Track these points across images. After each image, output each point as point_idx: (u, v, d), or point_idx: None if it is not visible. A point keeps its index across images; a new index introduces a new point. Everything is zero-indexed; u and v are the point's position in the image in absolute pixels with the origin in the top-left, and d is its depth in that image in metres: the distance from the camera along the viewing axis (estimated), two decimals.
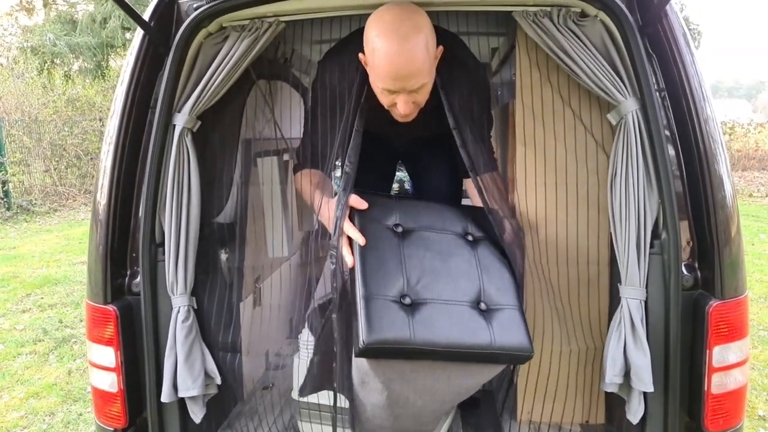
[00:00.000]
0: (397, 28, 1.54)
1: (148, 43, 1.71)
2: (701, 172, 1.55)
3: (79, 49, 15.88)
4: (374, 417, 1.63)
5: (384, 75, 1.58)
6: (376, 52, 1.56)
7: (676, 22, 1.59)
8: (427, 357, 1.47)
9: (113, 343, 1.66)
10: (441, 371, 1.52)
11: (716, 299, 1.53)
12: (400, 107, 1.66)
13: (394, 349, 1.44)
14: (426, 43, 1.56)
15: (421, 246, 1.63)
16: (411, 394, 1.55)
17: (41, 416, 3.28)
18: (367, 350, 1.42)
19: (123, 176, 1.69)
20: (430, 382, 1.53)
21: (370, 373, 1.52)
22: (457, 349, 1.47)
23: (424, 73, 1.59)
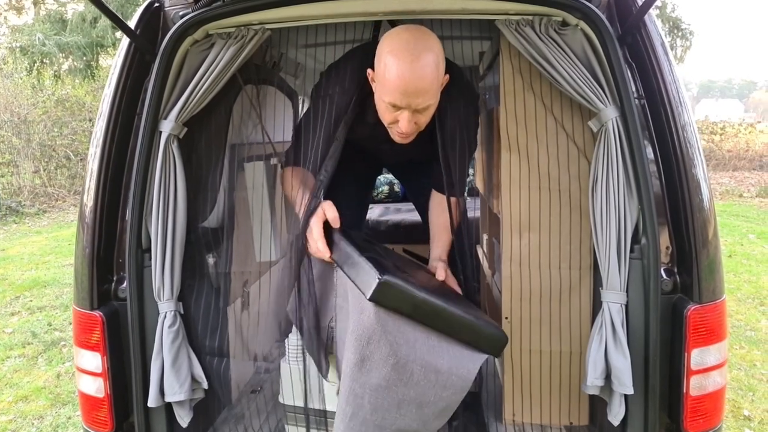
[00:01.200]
0: (412, 47, 1.60)
1: (134, 50, 1.72)
2: (679, 177, 1.58)
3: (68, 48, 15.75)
4: (374, 410, 1.54)
5: (393, 89, 1.62)
6: (388, 67, 1.60)
7: (654, 32, 1.62)
8: (428, 317, 1.52)
9: (100, 348, 1.67)
10: (439, 347, 1.55)
11: (694, 303, 1.56)
12: (402, 125, 1.71)
13: (405, 295, 1.47)
14: (437, 64, 1.62)
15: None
16: (417, 368, 1.51)
17: (30, 420, 3.27)
18: (383, 288, 1.43)
19: (110, 180, 1.71)
20: (433, 358, 1.53)
21: (377, 331, 1.48)
22: (453, 315, 1.55)
23: (432, 93, 1.65)
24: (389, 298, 1.46)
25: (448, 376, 1.54)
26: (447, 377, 1.54)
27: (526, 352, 1.93)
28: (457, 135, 1.89)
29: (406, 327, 1.50)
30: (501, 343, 1.66)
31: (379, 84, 1.69)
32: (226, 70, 1.73)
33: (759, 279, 5.77)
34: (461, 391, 1.59)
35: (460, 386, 1.58)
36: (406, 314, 1.50)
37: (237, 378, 2.18)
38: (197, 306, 1.86)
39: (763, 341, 4.29)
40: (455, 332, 1.58)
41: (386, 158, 2.29)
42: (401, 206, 4.32)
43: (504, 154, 1.87)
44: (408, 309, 1.49)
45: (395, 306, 1.48)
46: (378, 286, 1.44)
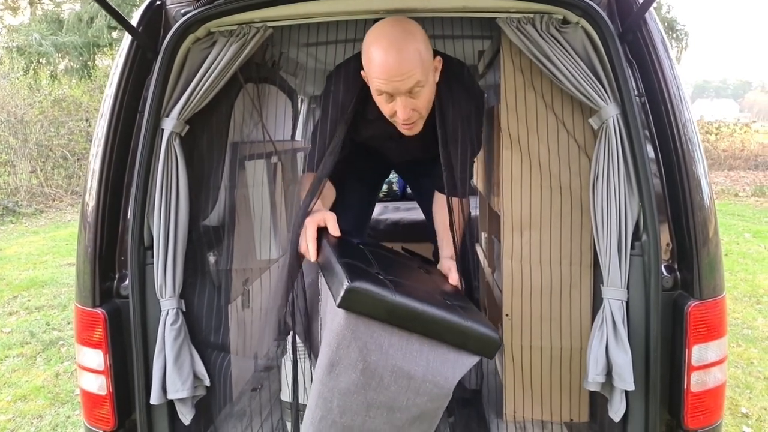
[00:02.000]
0: (388, 33, 1.62)
1: (136, 48, 1.72)
2: (680, 175, 1.59)
3: (65, 48, 15.76)
4: (343, 413, 1.53)
5: (378, 76, 1.63)
6: (371, 57, 1.62)
7: (654, 29, 1.63)
8: (405, 321, 1.48)
9: (102, 345, 1.67)
10: (418, 353, 1.51)
11: (695, 299, 1.57)
12: (399, 112, 1.71)
13: (376, 300, 1.43)
14: (417, 46, 1.63)
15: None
16: (387, 374, 1.50)
17: (29, 419, 3.27)
18: (350, 294, 1.41)
19: (111, 179, 1.71)
20: (407, 364, 1.51)
21: (347, 337, 1.47)
22: (434, 317, 1.49)
23: (416, 72, 1.63)
24: (358, 303, 1.44)
25: (421, 383, 1.51)
26: (420, 383, 1.51)
27: (526, 349, 1.93)
28: (459, 131, 1.90)
29: (379, 332, 1.48)
30: (492, 345, 1.57)
31: (369, 80, 1.71)
32: (228, 68, 1.73)
33: (755, 277, 5.79)
34: (437, 399, 1.55)
35: (435, 393, 1.54)
36: (381, 319, 1.47)
37: (238, 375, 2.18)
38: (199, 303, 1.86)
39: (759, 339, 4.31)
40: (439, 335, 1.52)
41: (392, 156, 2.30)
42: (400, 205, 4.33)
43: (505, 152, 1.87)
44: (382, 314, 1.46)
45: (366, 311, 1.45)
46: (345, 292, 1.42)
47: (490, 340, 1.55)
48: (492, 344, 1.56)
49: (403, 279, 1.62)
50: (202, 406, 1.85)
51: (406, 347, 1.50)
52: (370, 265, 1.61)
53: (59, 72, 15.38)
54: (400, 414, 1.53)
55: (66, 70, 16.09)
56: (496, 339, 1.57)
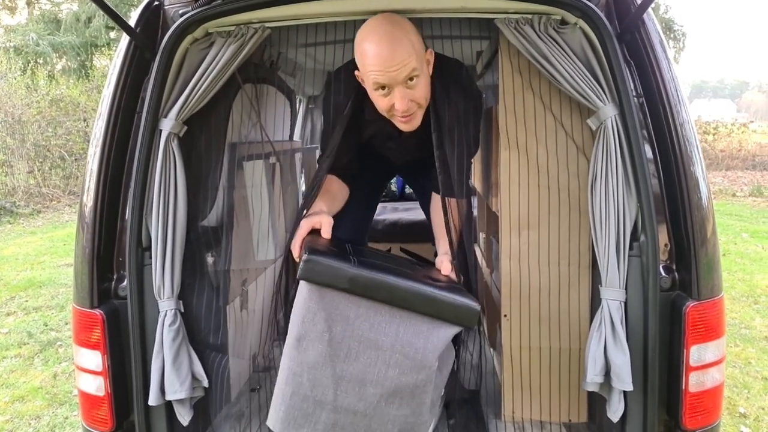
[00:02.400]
0: (379, 27, 1.65)
1: (134, 49, 1.72)
2: (678, 175, 1.59)
3: (62, 48, 15.74)
4: (313, 387, 1.54)
5: (372, 69, 1.65)
6: (364, 52, 1.63)
7: (653, 30, 1.63)
8: (370, 291, 1.50)
9: (100, 346, 1.67)
10: (386, 324, 1.52)
11: (693, 300, 1.57)
12: (397, 104, 1.71)
13: (334, 270, 1.48)
14: (408, 36, 1.65)
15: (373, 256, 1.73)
16: (354, 344, 1.51)
17: (27, 420, 3.26)
18: (308, 265, 1.48)
19: (109, 179, 1.70)
20: (375, 334, 1.52)
21: (311, 309, 1.51)
22: (400, 290, 1.50)
23: (411, 60, 1.65)
24: (318, 274, 1.49)
25: (390, 354, 1.51)
26: (389, 354, 1.51)
27: (525, 349, 1.93)
28: (455, 132, 1.90)
29: (344, 303, 1.51)
30: (469, 313, 1.54)
31: (363, 75, 1.72)
32: (226, 69, 1.73)
33: (753, 277, 5.80)
34: (410, 372, 1.53)
35: (407, 365, 1.52)
36: (343, 289, 1.50)
37: (236, 376, 2.18)
38: (197, 304, 1.86)
39: (757, 339, 4.32)
40: (410, 305, 1.52)
41: (393, 157, 2.30)
42: (398, 205, 4.33)
43: (503, 152, 1.87)
44: (343, 283, 1.49)
45: (327, 282, 1.49)
46: (303, 263, 1.48)
47: (466, 308, 1.53)
48: (469, 312, 1.54)
49: (378, 262, 1.64)
50: (200, 407, 1.84)
51: (374, 318, 1.52)
52: (346, 254, 1.61)
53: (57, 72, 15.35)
54: (372, 389, 1.53)
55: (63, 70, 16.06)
56: (472, 307, 1.54)
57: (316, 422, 1.56)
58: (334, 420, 1.56)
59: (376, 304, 1.53)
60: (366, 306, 1.52)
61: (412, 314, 1.54)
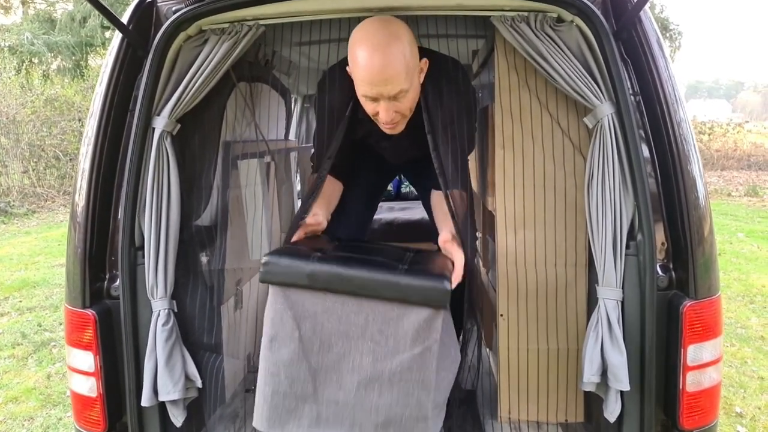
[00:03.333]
0: (373, 36, 1.59)
1: (127, 46, 1.70)
2: (675, 174, 1.58)
3: (57, 48, 15.68)
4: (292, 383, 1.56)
5: (361, 80, 1.62)
6: (355, 59, 1.60)
7: (649, 28, 1.62)
8: (333, 284, 1.51)
9: (92, 347, 1.65)
10: (355, 315, 1.53)
11: (690, 299, 1.56)
12: (381, 115, 1.70)
13: (292, 268, 1.51)
14: (403, 51, 1.60)
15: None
16: (325, 338, 1.54)
17: (20, 421, 3.24)
18: (266, 267, 1.51)
19: (102, 178, 1.69)
20: (344, 326, 1.53)
21: (278, 310, 1.53)
22: (361, 280, 1.50)
23: (401, 79, 1.62)
24: (278, 275, 1.52)
25: (362, 342, 1.53)
26: (361, 343, 1.53)
27: (522, 349, 1.93)
28: (448, 131, 1.88)
29: (310, 299, 1.53)
30: (436, 293, 1.50)
31: (354, 79, 1.70)
32: (220, 67, 1.71)
33: (748, 277, 5.80)
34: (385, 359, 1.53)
35: (381, 353, 1.53)
36: (305, 286, 1.52)
37: (231, 377, 2.17)
38: (191, 304, 1.84)
39: (753, 338, 4.32)
40: (375, 293, 1.51)
41: (390, 157, 2.29)
42: (394, 205, 4.32)
43: (498, 151, 1.87)
44: (304, 280, 1.51)
45: (288, 281, 1.52)
46: (262, 266, 1.51)
47: (432, 289, 1.50)
48: (436, 292, 1.50)
49: (349, 255, 1.65)
50: (193, 408, 1.83)
51: (341, 310, 1.53)
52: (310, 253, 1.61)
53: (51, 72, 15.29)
54: (350, 376, 1.54)
55: (58, 69, 16.00)
56: (440, 286, 1.51)
57: (300, 417, 1.57)
58: (318, 412, 1.56)
59: (342, 296, 1.53)
60: (332, 300, 1.53)
61: (380, 302, 1.53)
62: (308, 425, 1.57)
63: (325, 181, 1.95)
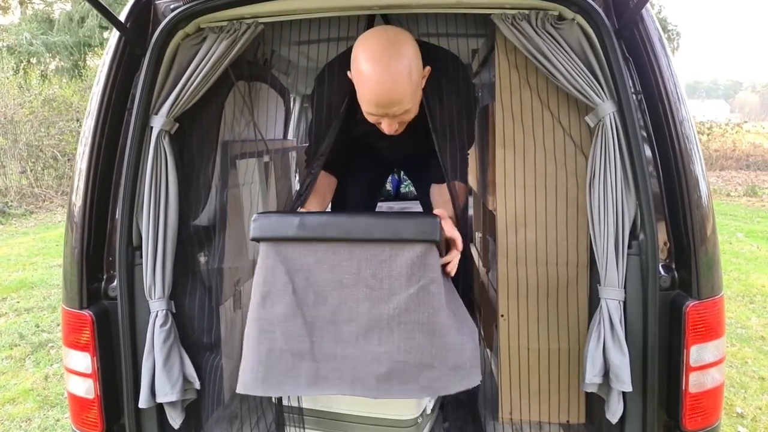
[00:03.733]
0: (379, 57, 1.57)
1: (124, 44, 1.69)
2: (677, 173, 1.57)
3: (55, 48, 15.67)
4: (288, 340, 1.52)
5: (367, 102, 1.63)
6: (361, 77, 1.60)
7: (651, 26, 1.61)
8: (321, 233, 1.50)
9: (89, 348, 1.63)
10: (347, 261, 1.50)
11: (693, 299, 1.55)
12: (384, 127, 1.72)
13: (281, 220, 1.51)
14: (409, 70, 1.59)
15: None
16: (318, 289, 1.51)
17: (17, 422, 3.22)
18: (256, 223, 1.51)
19: (99, 178, 1.67)
20: (337, 274, 1.50)
21: (270, 266, 1.52)
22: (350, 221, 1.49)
23: (406, 100, 1.63)
24: (268, 230, 1.51)
25: (356, 289, 1.49)
26: (356, 290, 1.50)
27: (523, 350, 1.91)
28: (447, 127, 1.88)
29: (301, 251, 1.51)
30: (429, 224, 1.48)
31: (356, 90, 1.68)
32: (219, 65, 1.70)
33: (748, 277, 5.80)
34: (381, 303, 1.50)
35: (377, 297, 1.49)
36: (294, 236, 1.50)
37: (229, 378, 2.15)
38: (189, 305, 1.83)
39: (753, 339, 4.31)
40: (366, 234, 1.48)
41: (388, 155, 2.29)
42: (393, 204, 4.31)
43: (499, 151, 1.85)
44: (293, 232, 1.49)
45: (278, 235, 1.51)
46: (252, 223, 1.52)
47: (422, 223, 1.48)
48: (427, 224, 1.48)
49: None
50: (192, 410, 1.81)
51: (333, 258, 1.50)
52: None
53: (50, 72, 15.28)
54: (347, 327, 1.51)
55: (56, 69, 15.99)
56: (428, 220, 1.49)
57: (297, 376, 1.52)
58: (316, 369, 1.52)
59: (334, 244, 1.50)
60: (324, 249, 1.50)
61: (371, 245, 1.49)
62: (306, 384, 1.52)
63: (318, 176, 1.95)
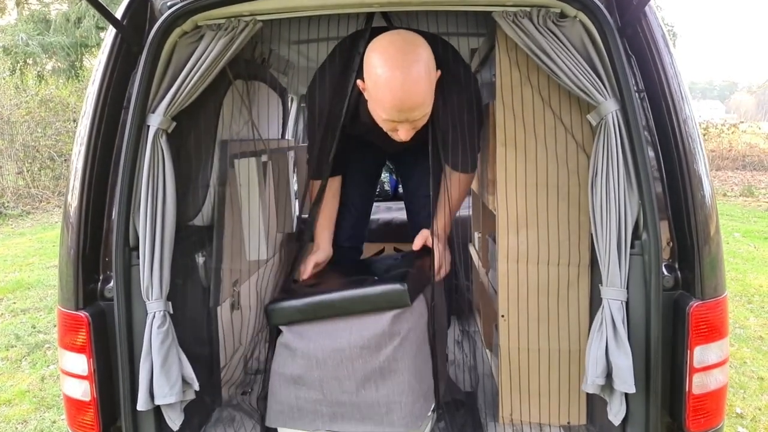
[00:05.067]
0: (400, 62, 1.60)
1: (120, 42, 1.67)
2: (680, 172, 1.55)
3: (52, 48, 15.61)
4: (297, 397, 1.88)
5: (388, 108, 1.64)
6: (379, 84, 1.60)
7: (654, 23, 1.60)
8: (318, 312, 1.86)
9: (85, 350, 1.61)
10: (342, 330, 1.84)
11: (696, 299, 1.53)
12: (401, 134, 1.75)
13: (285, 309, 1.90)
14: (428, 73, 1.63)
15: None
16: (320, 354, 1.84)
17: (13, 424, 3.20)
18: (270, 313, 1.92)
19: (95, 178, 1.65)
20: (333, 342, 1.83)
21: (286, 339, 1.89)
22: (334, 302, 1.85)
23: (427, 104, 1.67)
24: (279, 317, 1.91)
25: (350, 351, 1.81)
26: (349, 352, 1.81)
27: (523, 351, 1.90)
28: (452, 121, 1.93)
29: (306, 326, 1.88)
30: (396, 295, 1.81)
31: (372, 99, 1.68)
32: (216, 63, 1.68)
33: (746, 277, 5.80)
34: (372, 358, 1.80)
35: (367, 355, 1.80)
36: (299, 319, 1.88)
37: (228, 378, 2.13)
38: (187, 306, 1.81)
39: (752, 338, 4.31)
40: (352, 309, 1.83)
41: (387, 147, 2.29)
42: (392, 205, 4.28)
43: (500, 149, 1.84)
44: (297, 315, 1.88)
45: (287, 319, 1.89)
46: (265, 313, 1.93)
47: (391, 294, 1.81)
48: (395, 294, 1.81)
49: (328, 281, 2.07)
50: (190, 411, 1.79)
51: (332, 329, 1.85)
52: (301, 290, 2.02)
53: (46, 72, 15.22)
54: (348, 382, 1.83)
55: (53, 70, 15.94)
56: (395, 290, 1.81)
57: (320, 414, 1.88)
58: (332, 412, 1.86)
59: (330, 319, 1.85)
60: (323, 324, 1.86)
61: (356, 315, 1.83)
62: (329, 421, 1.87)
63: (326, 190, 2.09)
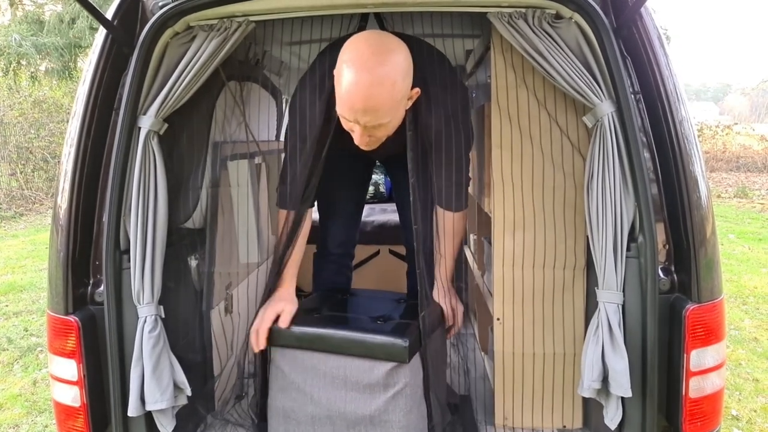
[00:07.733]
0: (365, 61, 1.52)
1: (111, 42, 1.65)
2: (677, 174, 1.54)
3: (46, 49, 15.53)
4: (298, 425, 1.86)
5: (342, 103, 1.58)
6: (340, 78, 1.55)
7: (650, 24, 1.59)
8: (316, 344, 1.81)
9: (75, 355, 1.59)
10: (336, 368, 1.80)
11: (693, 302, 1.52)
12: (355, 137, 1.67)
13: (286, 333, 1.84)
14: (393, 82, 1.54)
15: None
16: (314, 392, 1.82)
17: (5, 428, 3.17)
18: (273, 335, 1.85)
19: (85, 180, 1.63)
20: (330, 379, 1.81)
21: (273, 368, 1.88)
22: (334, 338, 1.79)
23: (383, 113, 1.57)
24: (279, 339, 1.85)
25: (345, 392, 1.79)
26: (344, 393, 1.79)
27: (518, 355, 1.89)
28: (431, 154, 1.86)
29: (301, 356, 1.83)
30: (395, 349, 1.73)
31: (336, 91, 1.63)
32: (209, 64, 1.66)
33: (740, 278, 5.80)
34: (365, 405, 1.78)
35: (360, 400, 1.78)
36: (296, 346, 1.83)
37: (221, 383, 2.11)
38: (179, 310, 1.79)
39: (747, 340, 4.31)
40: (348, 350, 1.78)
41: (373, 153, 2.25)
42: (387, 206, 4.27)
43: (495, 151, 1.83)
44: (294, 342, 1.83)
45: (283, 343, 1.84)
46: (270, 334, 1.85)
47: (392, 347, 1.74)
48: (395, 349, 1.74)
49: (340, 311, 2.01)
50: (183, 416, 1.77)
51: (326, 365, 1.81)
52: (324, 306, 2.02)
53: (40, 73, 15.15)
54: (339, 421, 1.80)
55: (47, 71, 15.86)
56: (397, 345, 1.74)
57: None
58: None
59: (325, 354, 1.80)
60: (318, 357, 1.81)
61: (353, 357, 1.78)
62: None
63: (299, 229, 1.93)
